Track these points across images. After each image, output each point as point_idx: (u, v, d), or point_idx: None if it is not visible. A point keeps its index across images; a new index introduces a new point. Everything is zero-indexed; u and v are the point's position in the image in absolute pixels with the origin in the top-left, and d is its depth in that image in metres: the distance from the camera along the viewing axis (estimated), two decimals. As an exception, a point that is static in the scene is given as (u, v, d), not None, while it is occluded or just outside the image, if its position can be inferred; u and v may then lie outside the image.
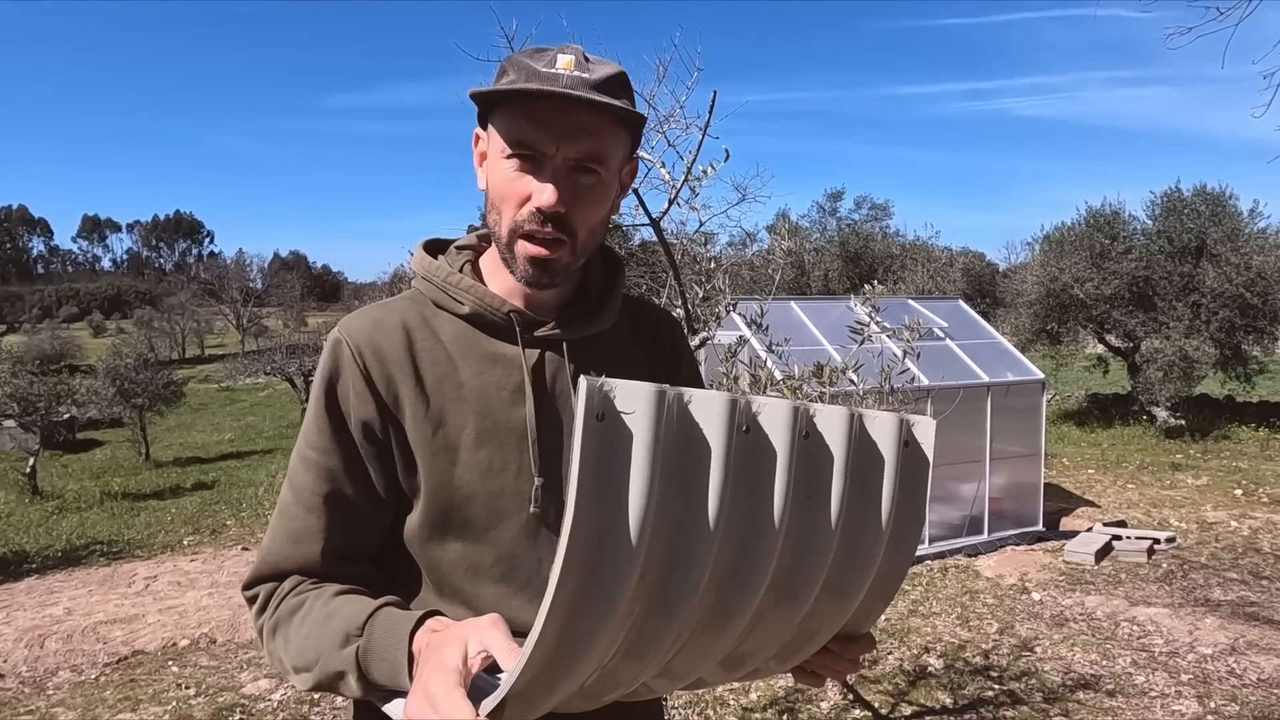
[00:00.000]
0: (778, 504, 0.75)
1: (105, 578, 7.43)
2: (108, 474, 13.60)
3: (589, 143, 0.91)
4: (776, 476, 0.75)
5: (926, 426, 0.86)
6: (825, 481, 0.79)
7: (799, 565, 0.79)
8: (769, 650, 0.86)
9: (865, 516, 0.82)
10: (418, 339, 0.98)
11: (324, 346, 1.00)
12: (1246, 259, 11.51)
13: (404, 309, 1.01)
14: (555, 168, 0.90)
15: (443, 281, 1.00)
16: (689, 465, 0.71)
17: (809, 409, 0.79)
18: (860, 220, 20.95)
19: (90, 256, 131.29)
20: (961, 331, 7.73)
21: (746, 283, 13.16)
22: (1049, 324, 13.16)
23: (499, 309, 0.98)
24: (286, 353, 20.05)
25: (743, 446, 0.74)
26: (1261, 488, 8.74)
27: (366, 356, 0.96)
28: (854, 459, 0.80)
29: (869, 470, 0.82)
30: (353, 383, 0.95)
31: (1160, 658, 4.68)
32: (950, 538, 6.98)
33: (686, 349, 1.19)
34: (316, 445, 0.96)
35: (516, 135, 0.90)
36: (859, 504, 0.81)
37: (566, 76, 0.88)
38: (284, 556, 0.95)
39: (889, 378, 2.89)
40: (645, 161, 2.64)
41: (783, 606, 0.80)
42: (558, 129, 0.89)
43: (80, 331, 49.54)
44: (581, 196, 0.92)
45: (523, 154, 0.91)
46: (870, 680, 4.48)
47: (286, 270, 63.52)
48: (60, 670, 5.25)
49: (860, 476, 0.82)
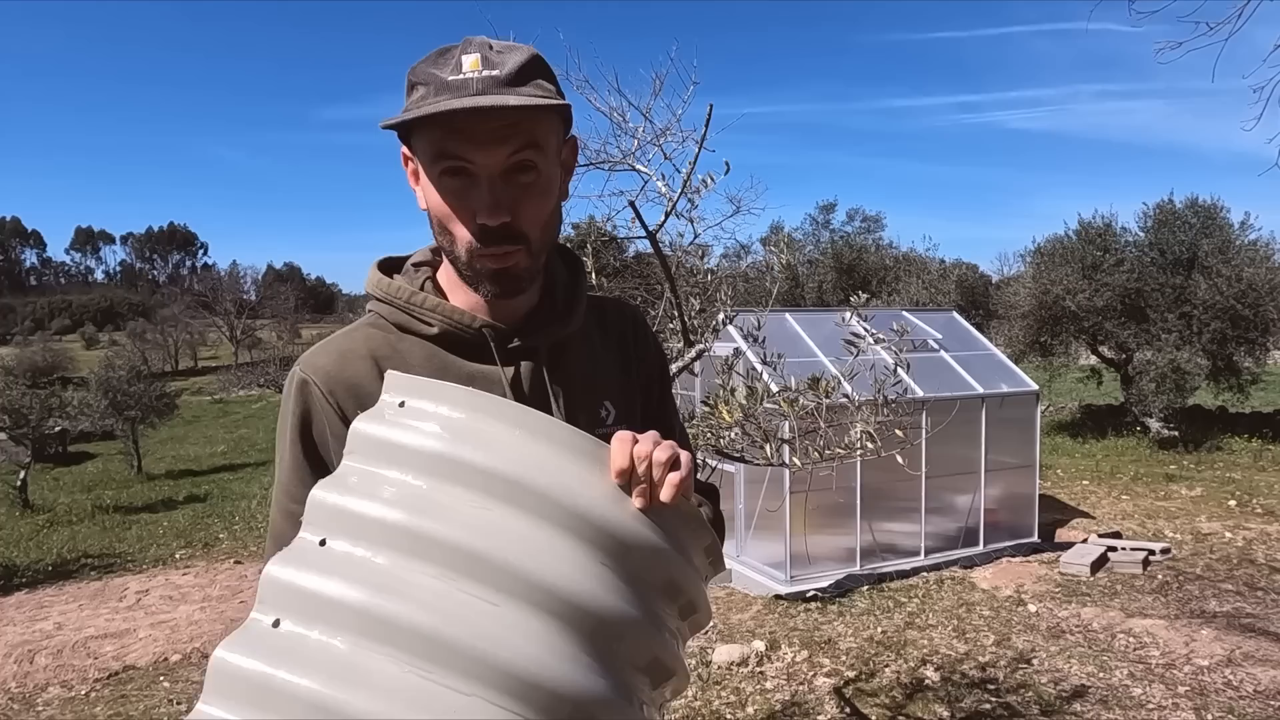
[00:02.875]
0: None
1: (96, 592, 7.37)
2: (99, 487, 13.52)
3: (517, 141, 0.86)
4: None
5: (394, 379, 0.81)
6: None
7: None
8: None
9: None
10: (388, 368, 0.92)
11: (286, 387, 0.94)
12: (1238, 271, 11.58)
13: (368, 337, 0.95)
14: (490, 177, 0.87)
15: (405, 303, 0.95)
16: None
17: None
18: (853, 232, 21.03)
19: (83, 268, 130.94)
20: (956, 343, 7.76)
21: (741, 294, 13.16)
22: (1042, 335, 13.20)
23: (470, 325, 0.94)
24: (280, 365, 20.05)
25: None
26: (1255, 498, 8.77)
27: (339, 395, 0.91)
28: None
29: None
30: (329, 425, 0.90)
31: (1157, 670, 4.67)
32: (946, 549, 6.98)
33: (650, 337, 1.15)
34: (298, 496, 0.89)
35: (442, 153, 0.87)
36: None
37: (476, 80, 0.84)
38: None
39: (883, 389, 2.90)
40: (641, 174, 2.65)
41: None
42: (481, 138, 0.85)
43: (73, 343, 49.35)
44: (525, 197, 0.89)
45: (452, 170, 0.87)
46: (867, 693, 4.47)
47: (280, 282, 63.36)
48: (50, 686, 5.19)
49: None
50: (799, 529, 6.36)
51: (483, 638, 0.68)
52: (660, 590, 0.80)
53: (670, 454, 0.77)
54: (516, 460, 0.75)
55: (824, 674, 4.74)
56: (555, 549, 0.73)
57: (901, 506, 6.83)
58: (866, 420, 2.64)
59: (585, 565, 0.73)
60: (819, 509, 6.43)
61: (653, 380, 1.12)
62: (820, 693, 4.50)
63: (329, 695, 0.66)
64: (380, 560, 0.71)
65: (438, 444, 0.75)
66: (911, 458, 6.19)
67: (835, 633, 5.41)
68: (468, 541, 0.71)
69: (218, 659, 0.70)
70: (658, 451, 0.77)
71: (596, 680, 0.72)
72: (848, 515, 6.53)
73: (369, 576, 0.70)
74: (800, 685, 4.61)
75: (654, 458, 0.77)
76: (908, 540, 6.87)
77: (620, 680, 0.75)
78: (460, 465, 0.74)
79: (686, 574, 0.82)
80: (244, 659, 0.69)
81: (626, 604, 0.75)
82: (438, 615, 0.69)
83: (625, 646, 0.76)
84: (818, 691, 4.52)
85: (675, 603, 0.82)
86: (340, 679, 0.67)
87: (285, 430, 0.92)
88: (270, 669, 0.68)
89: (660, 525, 0.78)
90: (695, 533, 0.83)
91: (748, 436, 2.69)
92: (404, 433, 0.76)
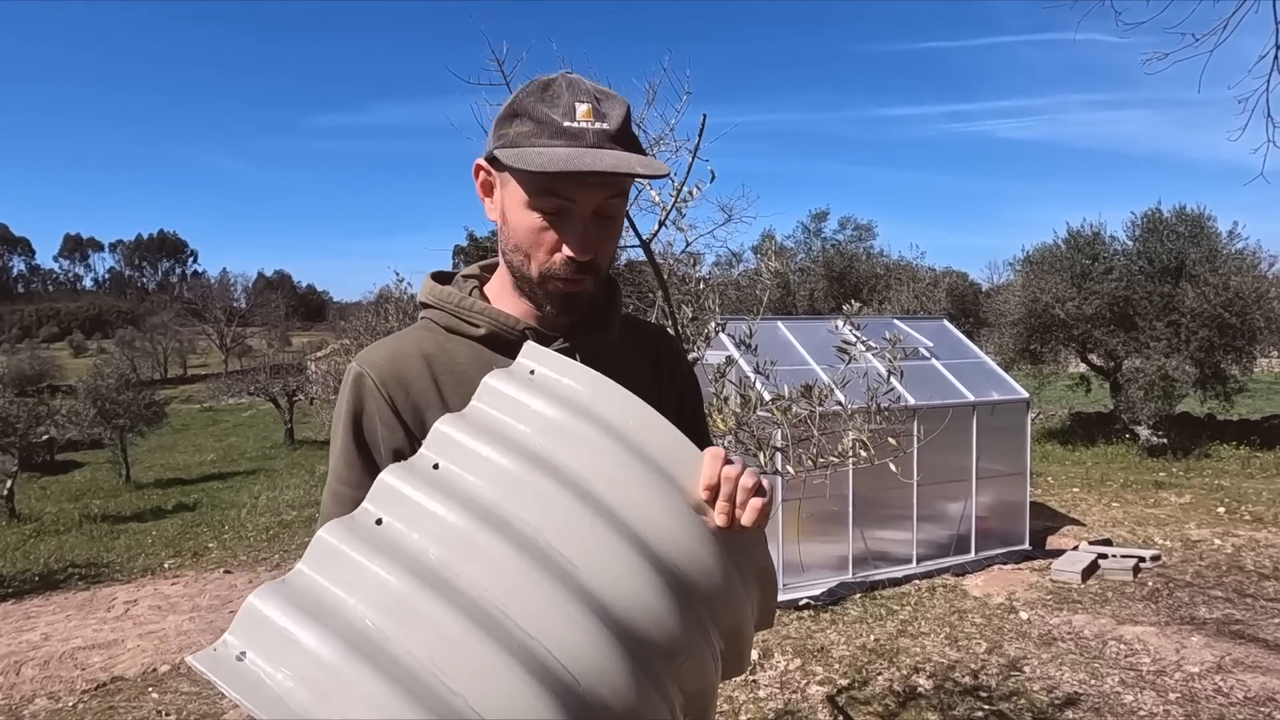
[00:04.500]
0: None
1: (84, 602, 7.30)
2: (87, 496, 13.41)
3: (614, 190, 0.95)
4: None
5: (534, 352, 0.88)
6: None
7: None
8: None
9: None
10: (437, 364, 1.00)
11: (343, 381, 1.01)
12: (1225, 279, 11.68)
13: (419, 338, 1.03)
14: (584, 217, 0.94)
15: (455, 306, 1.03)
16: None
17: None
18: (844, 240, 21.13)
19: (72, 276, 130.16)
20: (947, 351, 7.79)
21: (733, 302, 13.21)
22: (1032, 343, 13.27)
23: (515, 327, 1.01)
24: (270, 373, 19.92)
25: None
26: (1244, 505, 8.82)
27: (391, 386, 0.97)
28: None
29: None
30: (379, 414, 0.97)
31: (1148, 677, 4.69)
32: (937, 557, 6.99)
33: (683, 362, 1.21)
34: (348, 480, 0.97)
35: (550, 190, 0.93)
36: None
37: (591, 132, 0.91)
38: None
39: (875, 397, 2.90)
40: (636, 183, 2.66)
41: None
42: (589, 183, 0.92)
43: (60, 352, 49.04)
44: (606, 238, 0.98)
45: (553, 206, 0.94)
46: (860, 701, 4.46)
47: (271, 290, 63.23)
48: (37, 698, 5.14)
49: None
50: (791, 537, 6.36)
51: (537, 613, 0.71)
52: (712, 612, 0.81)
53: (756, 481, 0.82)
54: (620, 447, 0.79)
55: (817, 682, 4.74)
56: (620, 547, 0.75)
57: (893, 514, 6.85)
58: (860, 428, 2.64)
59: (646, 569, 0.76)
60: (811, 517, 6.43)
61: (684, 403, 1.18)
62: (813, 701, 4.50)
63: (407, 595, 0.69)
64: (486, 493, 0.76)
65: (557, 413, 0.81)
66: (903, 465, 6.20)
67: (828, 641, 5.41)
68: (551, 510, 0.75)
69: (320, 536, 0.75)
70: (745, 477, 0.81)
71: (646, 681, 0.74)
72: (840, 523, 6.54)
73: (469, 505, 0.75)
74: (793, 694, 4.60)
75: (741, 481, 0.81)
76: (900, 548, 6.88)
77: (662, 690, 0.77)
78: (571, 437, 0.79)
79: (743, 610, 0.84)
80: (343, 542, 0.74)
81: (679, 615, 0.77)
82: (510, 575, 0.72)
83: (680, 668, 0.78)
84: (810, 700, 4.52)
85: (725, 635, 0.84)
86: (419, 585, 0.70)
87: (340, 419, 0.99)
88: (366, 559, 0.72)
89: (730, 550, 0.81)
90: (763, 584, 0.86)
91: (741, 445, 2.69)
92: (531, 395, 0.83)
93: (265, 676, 0.66)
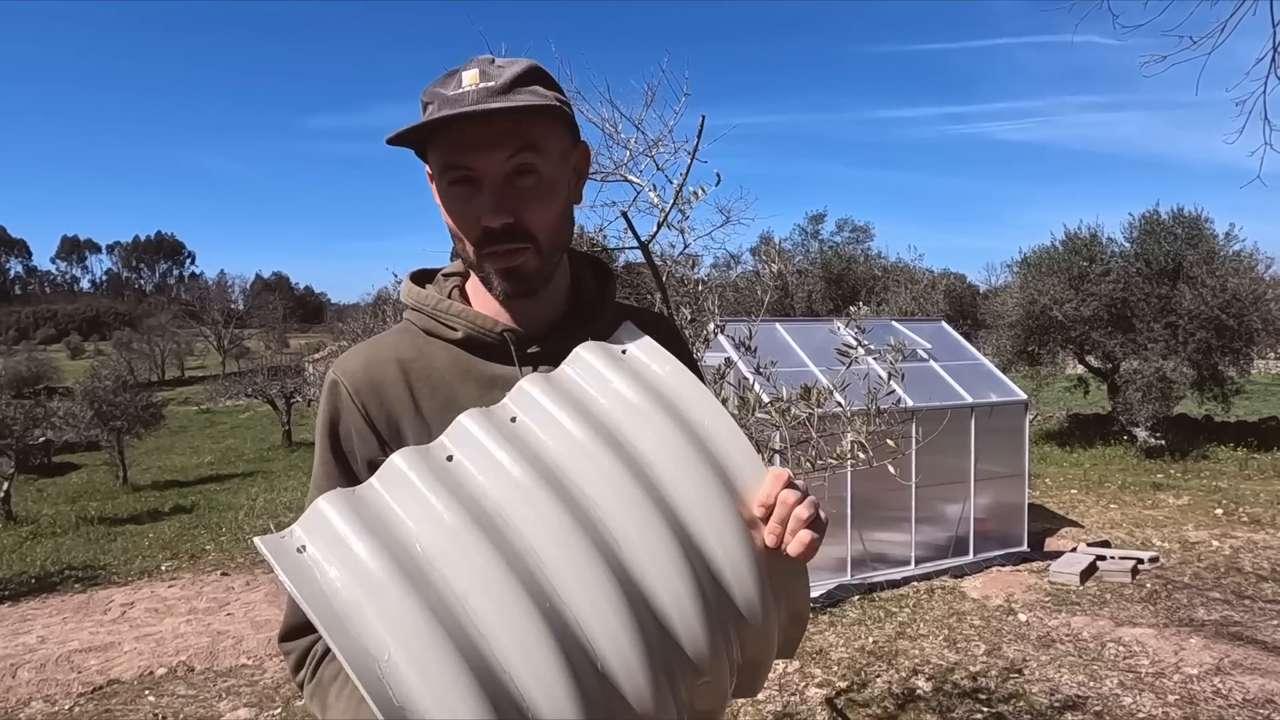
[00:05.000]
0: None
1: (80, 604, 7.28)
2: (84, 498, 13.38)
3: (513, 145, 0.90)
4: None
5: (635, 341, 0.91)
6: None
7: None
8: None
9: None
10: (413, 370, 0.98)
11: (322, 388, 1.01)
12: (1222, 281, 11.69)
13: (397, 342, 1.01)
14: (492, 182, 0.91)
15: (433, 309, 1.01)
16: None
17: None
18: (842, 242, 21.15)
19: (69, 278, 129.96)
20: (945, 353, 7.79)
21: (731, 304, 13.22)
22: (1029, 345, 13.28)
23: (492, 329, 0.98)
24: (268, 374, 19.90)
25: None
26: (1241, 507, 8.83)
27: (364, 395, 0.96)
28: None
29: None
30: (354, 424, 0.96)
31: (1147, 679, 4.69)
32: (936, 559, 6.99)
33: (683, 348, 1.17)
34: (326, 489, 0.95)
35: (446, 163, 0.92)
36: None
37: (473, 92, 0.89)
38: None
39: (875, 399, 2.90)
40: (634, 185, 2.65)
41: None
42: (479, 143, 0.89)
43: (58, 353, 48.96)
44: (526, 199, 0.92)
45: (458, 178, 0.92)
46: (859, 704, 4.46)
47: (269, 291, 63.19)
48: (33, 701, 5.12)
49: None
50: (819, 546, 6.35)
51: (573, 580, 0.72)
52: (739, 634, 0.81)
53: (812, 512, 0.81)
54: (691, 445, 0.80)
55: (815, 684, 4.73)
56: (669, 540, 0.76)
57: (892, 516, 6.84)
58: (858, 430, 2.64)
59: (688, 568, 0.76)
60: (810, 519, 6.42)
61: None
62: (812, 703, 4.49)
63: (459, 532, 0.73)
64: (553, 455, 0.79)
65: (638, 396, 0.83)
66: (902, 467, 6.19)
67: (827, 643, 5.40)
68: (609, 487, 0.77)
69: (394, 460, 0.80)
70: (802, 507, 0.80)
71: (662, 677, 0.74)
72: (838, 525, 6.54)
73: (535, 462, 0.78)
74: (792, 696, 4.60)
75: (796, 511, 0.80)
76: (898, 550, 6.88)
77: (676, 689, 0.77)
78: (646, 422, 0.81)
79: (769, 630, 0.83)
80: (413, 469, 0.78)
81: (709, 619, 0.77)
82: (557, 538, 0.73)
83: (694, 680, 0.77)
84: (809, 702, 4.51)
85: (745, 654, 0.83)
86: (471, 525, 0.73)
87: (319, 428, 0.99)
88: (429, 489, 0.76)
89: (771, 574, 0.81)
90: (794, 617, 0.86)
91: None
92: (617, 372, 0.86)
93: (318, 572, 0.70)
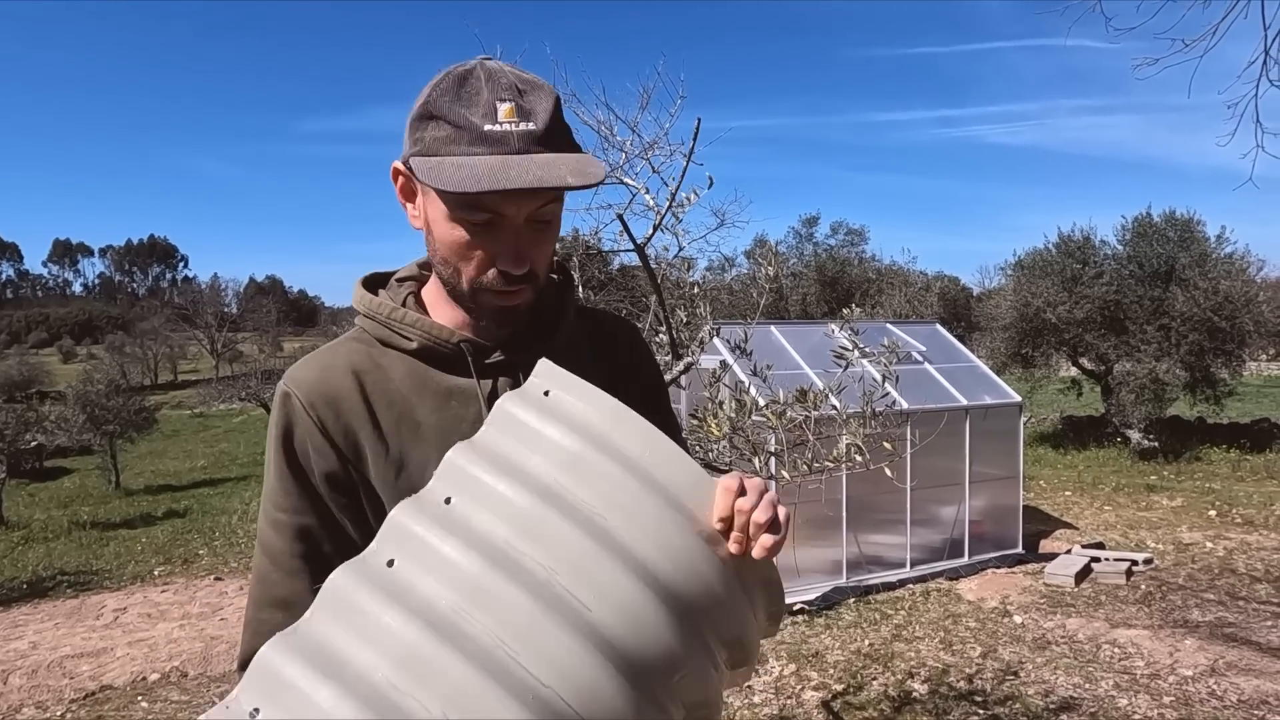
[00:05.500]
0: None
1: (73, 610, 7.24)
2: (76, 503, 13.32)
3: (547, 198, 0.87)
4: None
5: (543, 368, 0.84)
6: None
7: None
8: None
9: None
10: (369, 382, 0.94)
11: (273, 400, 0.95)
12: (1214, 283, 11.75)
13: (351, 351, 0.96)
14: (516, 226, 0.87)
15: (386, 318, 0.96)
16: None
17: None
18: (836, 245, 21.16)
19: (61, 281, 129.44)
20: (939, 355, 7.81)
21: (726, 307, 13.22)
22: (1023, 347, 13.32)
23: (449, 340, 0.94)
24: (261, 378, 19.88)
25: None
26: (1235, 508, 8.86)
27: (320, 408, 0.91)
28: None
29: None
30: (310, 437, 0.91)
31: (1142, 680, 4.69)
32: (931, 561, 7.00)
33: (645, 351, 1.15)
34: (284, 506, 0.92)
35: (470, 204, 0.85)
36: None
37: (515, 135, 0.83)
38: (275, 625, 0.89)
39: (870, 401, 2.90)
40: (630, 188, 2.65)
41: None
42: (520, 195, 0.84)
43: (50, 357, 48.74)
44: (542, 244, 0.90)
45: (483, 220, 0.86)
46: (855, 707, 4.45)
47: (262, 295, 62.98)
48: (24, 707, 5.09)
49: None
50: (786, 541, 6.35)
51: (551, 661, 0.69)
52: (719, 635, 0.80)
53: (770, 515, 0.79)
54: (635, 480, 0.77)
55: (812, 687, 4.73)
56: (633, 586, 0.74)
57: (887, 518, 6.85)
58: (854, 433, 2.64)
59: (658, 605, 0.74)
60: (806, 522, 6.43)
61: (648, 394, 1.11)
62: (808, 706, 4.49)
63: (421, 647, 0.68)
64: (499, 532, 0.74)
65: (573, 443, 0.78)
66: (897, 470, 6.21)
67: (822, 646, 5.40)
68: (566, 550, 0.73)
69: (332, 581, 0.73)
70: (759, 511, 0.78)
71: (649, 709, 0.73)
72: (834, 527, 6.54)
73: (483, 547, 0.72)
74: (788, 699, 4.59)
75: (754, 517, 0.78)
76: (894, 552, 6.88)
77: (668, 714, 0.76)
78: (587, 470, 0.77)
79: (749, 628, 0.83)
80: (356, 588, 0.71)
81: (685, 642, 0.76)
82: (523, 622, 0.70)
83: (678, 685, 0.76)
84: (805, 705, 4.50)
85: (730, 650, 0.83)
86: (434, 635, 0.68)
87: (271, 441, 0.93)
88: (379, 607, 0.70)
89: (741, 577, 0.80)
90: (770, 594, 0.85)
91: (736, 449, 2.69)
92: (546, 422, 0.79)
93: None
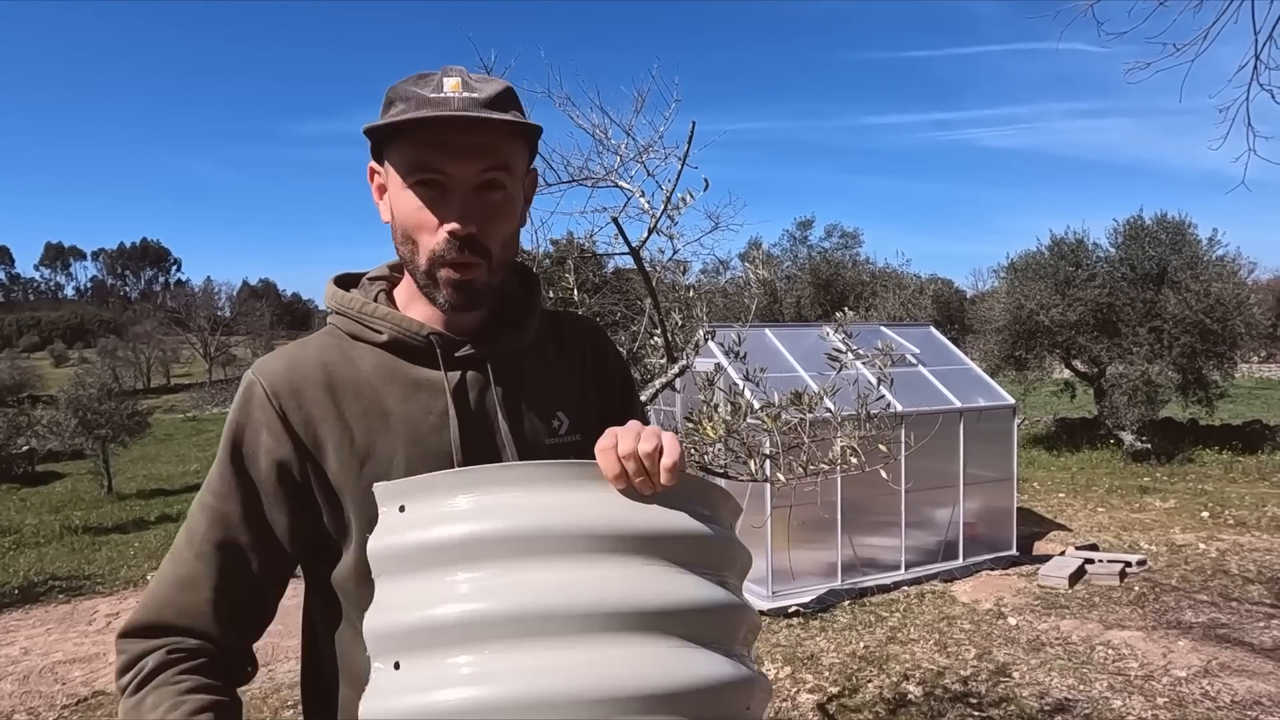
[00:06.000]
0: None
1: (64, 615, 7.20)
2: (68, 507, 13.24)
3: (491, 160, 0.90)
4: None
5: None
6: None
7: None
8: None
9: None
10: (337, 373, 0.96)
11: (238, 389, 0.97)
12: (1206, 286, 11.81)
13: (321, 345, 0.99)
14: (462, 191, 0.90)
15: (358, 312, 0.98)
16: None
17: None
18: (830, 248, 21.21)
19: (53, 285, 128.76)
20: (933, 358, 7.82)
21: (720, 310, 13.23)
22: (1016, 350, 13.37)
23: (418, 333, 0.96)
24: (255, 382, 19.76)
25: None
26: (1227, 510, 8.90)
27: (283, 397, 0.93)
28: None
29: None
30: (267, 425, 0.93)
31: (1136, 681, 4.71)
32: (926, 563, 7.01)
33: (609, 349, 1.16)
34: (216, 490, 0.94)
35: (418, 163, 0.90)
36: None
37: (457, 99, 0.88)
38: (168, 602, 0.91)
39: (865, 404, 2.91)
40: (625, 191, 2.65)
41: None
42: (458, 151, 0.89)
43: (41, 361, 48.57)
44: (491, 214, 0.92)
45: (426, 181, 0.90)
46: (851, 709, 4.46)
47: (255, 298, 62.83)
48: (16, 713, 5.06)
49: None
50: (781, 544, 6.36)
51: (589, 689, 0.71)
52: (706, 558, 0.82)
53: (654, 444, 0.80)
54: (533, 515, 0.77)
55: (807, 690, 4.73)
56: (610, 575, 0.75)
57: (882, 521, 6.86)
58: (849, 435, 2.64)
59: (642, 574, 0.76)
60: (801, 524, 6.43)
61: (614, 389, 1.14)
62: (803, 709, 4.49)
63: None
64: (460, 661, 0.73)
65: (453, 532, 0.77)
66: (892, 472, 6.22)
67: (818, 648, 5.40)
68: (528, 608, 0.74)
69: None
70: (642, 444, 0.79)
71: (720, 664, 0.77)
72: (829, 530, 6.55)
73: (458, 683, 0.73)
74: (783, 702, 4.59)
75: (639, 451, 0.79)
76: (888, 554, 6.89)
77: (735, 653, 0.80)
78: (483, 542, 0.76)
79: (721, 535, 0.85)
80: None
81: (693, 587, 0.78)
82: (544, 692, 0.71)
83: (715, 622, 0.80)
84: (801, 708, 4.50)
85: (724, 562, 0.85)
86: None
87: (225, 429, 0.96)
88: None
89: (676, 505, 0.81)
90: (706, 495, 0.86)
91: (731, 452, 2.69)
92: (418, 533, 0.78)
93: None
